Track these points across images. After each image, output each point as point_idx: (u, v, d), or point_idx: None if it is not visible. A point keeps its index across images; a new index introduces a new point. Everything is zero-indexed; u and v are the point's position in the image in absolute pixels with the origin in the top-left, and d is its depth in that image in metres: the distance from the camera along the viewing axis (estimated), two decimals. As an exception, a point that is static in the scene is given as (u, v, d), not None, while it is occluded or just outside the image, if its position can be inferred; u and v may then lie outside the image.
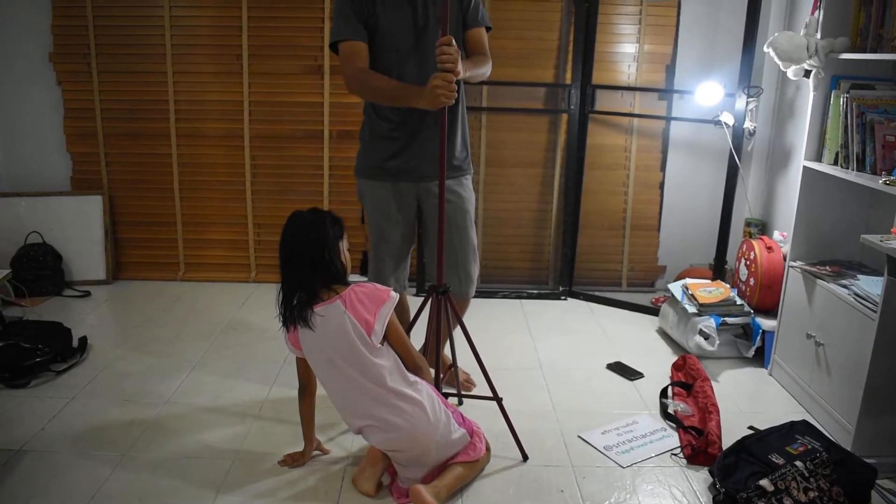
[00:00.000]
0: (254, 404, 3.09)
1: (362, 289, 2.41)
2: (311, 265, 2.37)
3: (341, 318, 2.35)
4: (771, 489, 2.33)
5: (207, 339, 3.74)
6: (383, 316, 2.38)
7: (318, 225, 2.41)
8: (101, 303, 4.23)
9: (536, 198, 4.55)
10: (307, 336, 2.39)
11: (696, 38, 4.30)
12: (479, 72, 2.75)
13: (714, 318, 3.59)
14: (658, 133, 4.48)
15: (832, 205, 3.30)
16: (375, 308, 2.38)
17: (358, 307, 2.37)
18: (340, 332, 2.35)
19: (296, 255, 2.39)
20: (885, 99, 2.98)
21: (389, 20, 2.69)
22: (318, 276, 2.38)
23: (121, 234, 4.61)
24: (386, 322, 2.39)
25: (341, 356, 2.37)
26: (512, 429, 2.73)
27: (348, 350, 2.36)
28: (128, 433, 2.83)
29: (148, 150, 4.51)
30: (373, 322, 2.36)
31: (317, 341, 2.38)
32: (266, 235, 4.62)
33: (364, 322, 2.35)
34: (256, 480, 2.55)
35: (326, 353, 2.39)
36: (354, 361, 2.36)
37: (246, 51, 4.35)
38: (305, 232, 2.40)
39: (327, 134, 4.46)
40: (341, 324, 2.35)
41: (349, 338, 2.34)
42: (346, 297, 2.38)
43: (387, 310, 2.39)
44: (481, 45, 2.83)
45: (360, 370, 2.37)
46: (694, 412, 3.06)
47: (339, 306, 2.35)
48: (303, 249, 2.38)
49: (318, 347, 2.40)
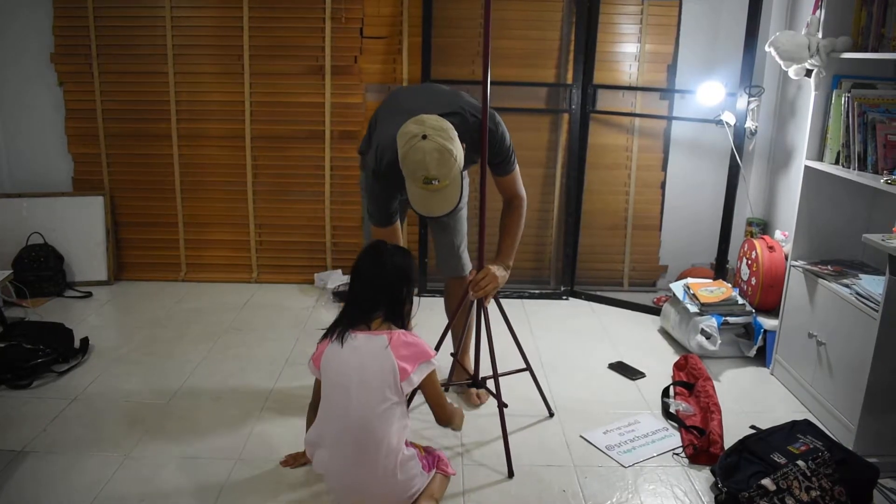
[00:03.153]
0: (256, 405, 3.09)
1: (411, 339, 2.30)
2: (387, 294, 2.31)
3: (381, 353, 2.23)
4: (773, 488, 2.33)
5: (209, 339, 3.74)
6: (422, 370, 2.28)
7: (409, 266, 2.39)
8: (103, 304, 4.23)
9: (538, 198, 4.54)
10: (334, 354, 2.27)
11: (697, 38, 4.30)
12: (518, 238, 2.88)
13: (716, 318, 3.59)
14: (659, 133, 4.48)
15: (834, 204, 3.30)
16: (417, 360, 2.27)
17: (402, 351, 2.25)
18: (374, 365, 2.23)
19: (378, 278, 2.32)
20: (886, 98, 2.98)
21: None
22: (384, 306, 2.31)
23: (122, 234, 4.61)
24: (423, 377, 2.29)
25: (358, 388, 2.23)
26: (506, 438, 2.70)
27: (369, 386, 2.22)
28: (130, 434, 2.83)
29: (149, 151, 4.51)
30: (410, 371, 2.24)
31: (342, 363, 2.26)
32: (267, 236, 4.63)
33: (402, 368, 2.23)
34: (258, 481, 2.56)
35: (345, 379, 2.24)
36: (366, 400, 2.22)
37: (247, 51, 4.35)
38: (395, 264, 2.34)
39: (329, 134, 4.46)
40: (378, 357, 2.23)
41: (378, 375, 2.22)
42: (394, 336, 2.27)
43: (428, 367, 2.30)
44: (514, 188, 2.85)
45: (365, 411, 2.22)
46: (696, 412, 3.06)
47: (384, 340, 2.25)
48: (387, 276, 2.32)
49: (341, 370, 2.26)
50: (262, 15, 4.31)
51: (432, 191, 2.42)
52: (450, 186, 2.45)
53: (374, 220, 2.74)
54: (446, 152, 2.36)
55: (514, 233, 2.85)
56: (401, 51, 4.34)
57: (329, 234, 4.60)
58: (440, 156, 2.35)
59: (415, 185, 2.43)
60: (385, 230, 2.73)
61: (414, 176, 2.40)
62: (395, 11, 4.30)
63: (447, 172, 2.39)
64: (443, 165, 2.37)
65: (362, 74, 4.39)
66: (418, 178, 2.39)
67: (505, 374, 3.06)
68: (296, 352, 3.61)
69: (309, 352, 2.29)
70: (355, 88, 4.41)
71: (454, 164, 2.40)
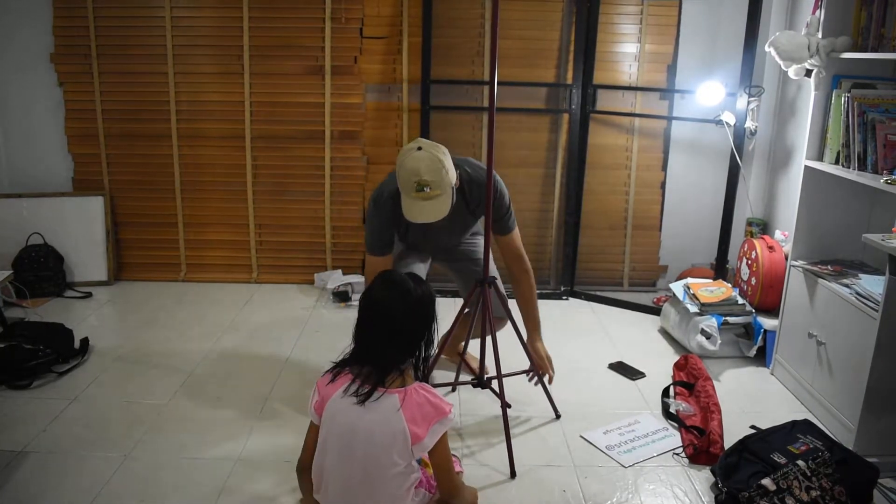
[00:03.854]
0: (255, 406, 3.09)
1: (426, 395, 2.05)
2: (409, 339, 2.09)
3: (392, 416, 2.00)
4: (773, 488, 2.33)
5: (209, 340, 3.74)
6: (436, 432, 2.04)
7: (432, 299, 2.13)
8: (103, 304, 4.23)
9: (538, 198, 4.54)
10: (339, 410, 2.04)
11: (697, 38, 4.30)
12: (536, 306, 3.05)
13: (716, 318, 3.59)
14: (659, 133, 4.48)
15: (834, 204, 3.30)
16: (431, 421, 2.02)
17: (415, 412, 2.01)
18: (383, 429, 1.99)
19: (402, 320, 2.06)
20: (886, 98, 2.98)
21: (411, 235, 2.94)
22: (405, 355, 2.09)
23: (122, 234, 4.61)
24: (436, 439, 2.04)
25: (364, 455, 2.01)
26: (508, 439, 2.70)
27: (376, 452, 2.01)
28: (129, 435, 2.83)
29: (149, 151, 4.51)
30: (422, 436, 2.01)
31: (348, 424, 2.02)
32: (267, 236, 4.63)
33: (413, 433, 2.00)
34: (257, 483, 2.55)
35: (351, 441, 2.02)
36: (373, 468, 2.02)
37: (247, 51, 4.35)
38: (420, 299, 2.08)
39: (328, 134, 4.46)
40: (389, 421, 2.00)
41: (387, 440, 1.99)
42: (408, 394, 2.02)
43: (442, 427, 2.05)
44: (516, 249, 2.98)
45: (371, 479, 2.03)
46: (696, 412, 3.06)
47: (396, 402, 2.00)
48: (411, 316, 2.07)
49: (346, 432, 2.03)
50: (262, 15, 4.31)
51: (424, 198, 2.53)
52: (442, 196, 2.56)
53: (368, 247, 2.87)
54: (438, 162, 2.53)
55: (535, 303, 3.04)
56: (401, 51, 4.34)
57: (329, 235, 4.60)
58: (432, 164, 2.51)
59: (408, 195, 2.56)
60: (378, 258, 2.85)
61: (408, 184, 2.53)
62: (394, 11, 4.30)
63: (438, 181, 2.53)
64: (435, 173, 2.51)
65: (362, 74, 4.39)
66: (412, 185, 2.52)
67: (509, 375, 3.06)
68: (295, 352, 3.61)
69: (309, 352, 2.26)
70: (355, 88, 4.40)
71: (445, 176, 2.54)
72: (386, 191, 2.77)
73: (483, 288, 2.79)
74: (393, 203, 2.73)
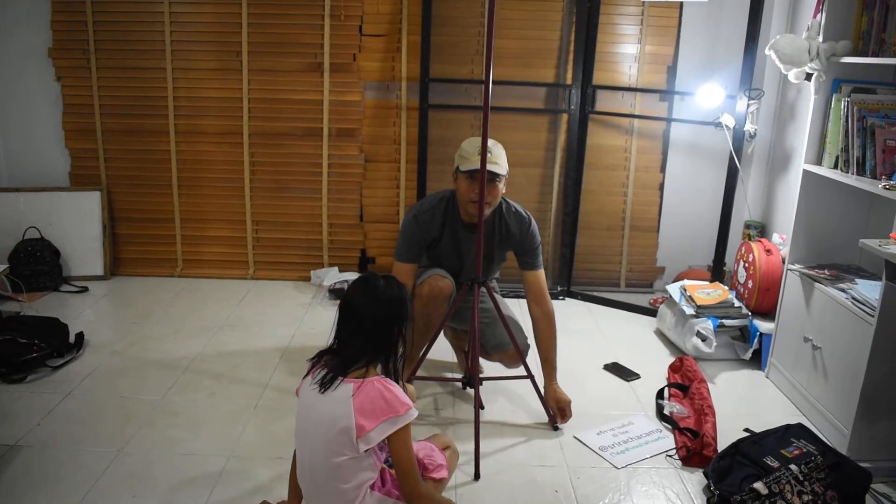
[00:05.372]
0: (250, 402, 3.09)
1: (383, 388, 2.01)
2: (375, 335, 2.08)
3: (342, 403, 1.98)
4: (765, 492, 2.32)
5: (205, 335, 3.74)
6: (384, 429, 1.98)
7: (403, 299, 2.12)
8: (99, 298, 4.23)
9: (536, 197, 4.54)
10: (304, 395, 2.10)
11: (697, 40, 4.30)
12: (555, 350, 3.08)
13: (712, 320, 3.58)
14: (658, 134, 4.48)
15: (832, 208, 3.29)
16: (381, 416, 1.97)
17: (365, 404, 1.97)
18: (334, 415, 1.99)
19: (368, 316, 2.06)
20: (886, 103, 2.97)
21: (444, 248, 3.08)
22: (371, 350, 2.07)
23: (119, 230, 4.60)
24: (384, 435, 1.98)
25: (314, 438, 2.04)
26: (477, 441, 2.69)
27: (324, 438, 2.00)
28: (123, 429, 2.83)
29: (147, 147, 4.50)
30: (368, 429, 1.96)
31: (308, 407, 2.07)
32: (264, 232, 4.62)
33: (359, 424, 1.96)
34: (251, 478, 2.55)
35: (306, 426, 2.08)
36: (320, 453, 2.03)
37: (246, 47, 4.34)
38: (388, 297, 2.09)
39: (326, 132, 4.45)
40: (339, 408, 1.98)
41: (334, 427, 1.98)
42: (364, 385, 2.00)
43: (392, 426, 1.98)
44: (540, 288, 3.07)
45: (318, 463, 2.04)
46: (690, 414, 3.05)
47: (349, 390, 1.99)
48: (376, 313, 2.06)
49: (305, 415, 2.09)
50: (261, 11, 4.30)
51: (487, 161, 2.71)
52: (498, 167, 2.84)
53: (396, 255, 3.03)
54: (500, 146, 2.90)
55: (554, 347, 3.08)
56: (400, 49, 4.33)
57: (326, 232, 4.60)
58: (497, 144, 2.89)
59: (470, 157, 2.84)
60: (402, 265, 2.99)
61: (472, 148, 2.83)
62: (394, 9, 4.29)
63: (499, 155, 2.87)
64: (499, 149, 2.88)
65: (361, 72, 4.38)
66: (475, 149, 2.78)
67: (501, 379, 3.08)
68: (292, 349, 3.61)
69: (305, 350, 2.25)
70: (354, 86, 4.40)
71: (503, 158, 2.89)
72: (427, 204, 3.03)
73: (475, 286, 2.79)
74: (432, 216, 3.00)
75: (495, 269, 3.25)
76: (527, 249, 3.06)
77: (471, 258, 3.01)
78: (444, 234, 3.03)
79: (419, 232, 3.00)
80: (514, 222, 3.04)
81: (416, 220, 3.01)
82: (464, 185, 2.88)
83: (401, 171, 4.51)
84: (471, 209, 2.89)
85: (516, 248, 3.07)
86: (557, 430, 2.95)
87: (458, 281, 3.08)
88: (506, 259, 3.22)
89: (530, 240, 3.05)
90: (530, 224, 3.06)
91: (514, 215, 3.05)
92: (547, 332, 3.05)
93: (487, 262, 3.09)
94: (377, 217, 4.59)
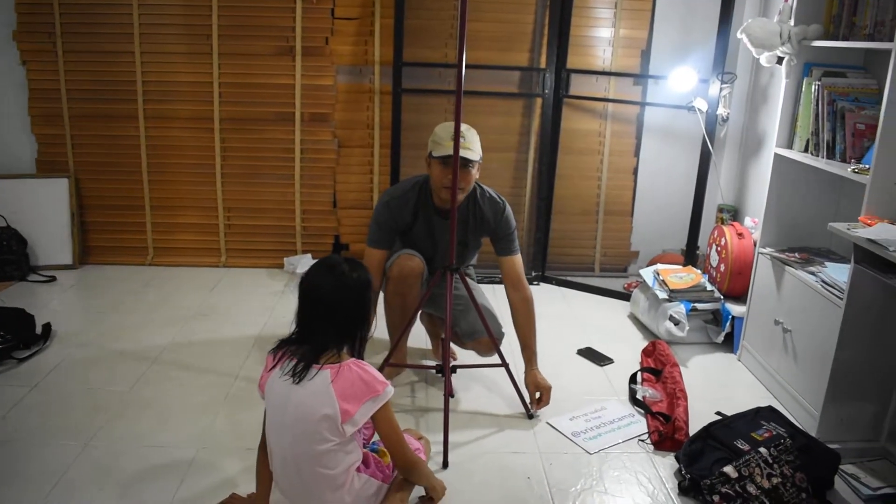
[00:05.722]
0: (220, 392, 3.05)
1: (359, 371, 2.04)
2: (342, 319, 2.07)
3: (322, 391, 2.00)
4: (735, 476, 2.34)
5: (175, 325, 3.69)
6: (368, 409, 2.03)
7: (368, 282, 2.13)
8: (67, 288, 4.16)
9: (510, 182, 4.52)
10: (275, 385, 2.07)
11: (671, 23, 4.28)
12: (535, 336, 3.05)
13: (684, 304, 3.59)
14: (632, 118, 4.47)
15: (802, 192, 3.30)
16: (363, 398, 2.01)
17: (346, 388, 2.00)
18: (314, 404, 1.99)
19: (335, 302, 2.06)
20: (856, 87, 2.98)
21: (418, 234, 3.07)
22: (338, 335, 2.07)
23: (88, 217, 4.53)
24: (368, 415, 2.04)
25: (294, 428, 2.03)
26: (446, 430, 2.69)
27: (307, 427, 2.01)
28: (91, 421, 2.78)
29: (115, 132, 4.42)
30: (352, 412, 2.00)
31: (282, 397, 2.05)
32: (236, 219, 4.57)
33: (343, 409, 1.99)
34: (220, 470, 2.53)
35: (283, 417, 2.05)
36: (304, 442, 2.03)
37: (216, 31, 4.27)
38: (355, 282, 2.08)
39: (299, 116, 4.40)
40: (319, 396, 2.00)
41: (316, 415, 1.99)
42: (341, 370, 2.02)
43: (374, 405, 2.04)
44: (517, 273, 3.04)
45: (303, 454, 2.04)
46: (662, 398, 3.06)
47: (327, 377, 2.00)
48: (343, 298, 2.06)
49: (280, 406, 2.06)
50: (232, -6, 4.23)
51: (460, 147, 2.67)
52: (471, 152, 2.82)
53: (369, 241, 3.02)
54: (474, 130, 2.88)
55: (534, 334, 3.05)
56: (373, 32, 4.28)
57: (299, 218, 4.56)
58: (469, 128, 2.84)
59: (444, 143, 2.79)
60: (374, 252, 3.00)
61: (446, 133, 2.80)
62: (366, -8, 4.24)
63: (472, 140, 2.84)
64: (472, 135, 2.85)
65: (333, 56, 4.32)
66: (449, 134, 2.74)
67: (474, 367, 3.07)
68: (263, 337, 3.58)
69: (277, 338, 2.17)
70: (326, 70, 4.34)
71: (476, 143, 2.87)
72: (399, 190, 3.02)
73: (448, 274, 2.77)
74: (405, 202, 2.98)
75: (471, 256, 3.23)
76: (501, 235, 3.04)
77: (444, 244, 2.99)
78: (417, 219, 3.01)
79: (391, 218, 2.98)
80: (489, 208, 3.02)
81: (388, 206, 2.98)
82: (437, 170, 2.86)
83: (374, 157, 4.47)
84: (444, 195, 2.87)
85: (491, 233, 3.05)
86: (533, 417, 2.94)
87: (432, 267, 3.06)
88: (481, 245, 3.20)
89: (505, 225, 3.03)
90: (504, 209, 3.04)
91: (488, 200, 3.02)
92: (526, 317, 3.03)
93: (462, 249, 3.07)
94: (351, 203, 4.55)
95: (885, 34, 2.73)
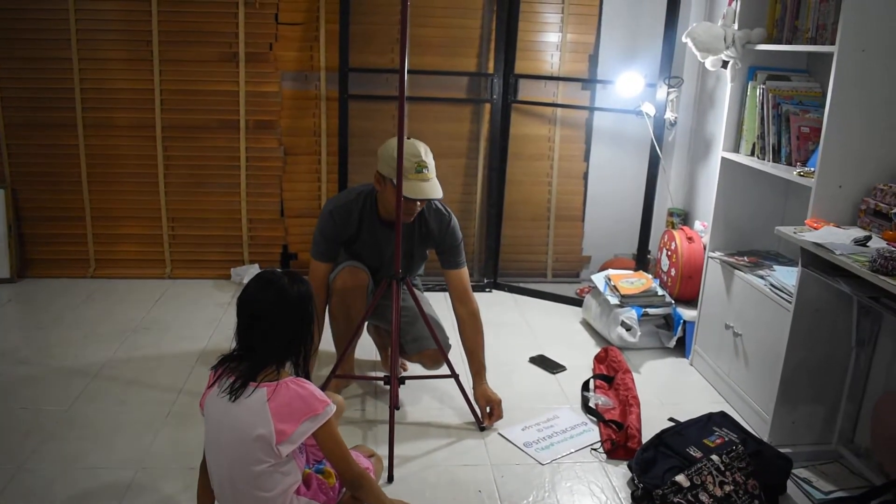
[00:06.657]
0: (162, 409, 2.95)
1: (299, 389, 1.95)
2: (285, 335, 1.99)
3: (258, 410, 1.91)
4: (687, 485, 2.31)
5: (117, 340, 3.57)
6: (306, 430, 1.94)
7: (310, 295, 2.05)
8: (4, 303, 4.00)
9: (460, 188, 4.48)
10: (212, 403, 1.99)
11: (618, 28, 4.29)
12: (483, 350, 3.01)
13: (636, 310, 3.58)
14: (581, 123, 4.46)
15: (750, 196, 3.32)
16: (300, 418, 1.93)
17: (282, 407, 1.91)
18: (249, 422, 1.91)
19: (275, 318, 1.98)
20: (800, 90, 3.00)
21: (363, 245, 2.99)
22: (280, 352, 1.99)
23: (26, 229, 4.36)
24: (307, 435, 1.94)
25: (229, 448, 1.96)
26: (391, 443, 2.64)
27: (241, 447, 1.93)
28: (24, 444, 2.66)
29: (53, 141, 4.26)
30: (289, 432, 1.91)
31: (219, 415, 1.97)
32: (181, 230, 4.44)
33: (279, 430, 1.90)
34: (159, 492, 2.43)
35: (218, 435, 1.98)
36: (238, 463, 1.95)
37: (156, 37, 4.15)
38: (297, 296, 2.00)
39: (243, 124, 4.30)
40: (254, 415, 1.91)
41: (251, 435, 1.91)
42: (278, 388, 1.93)
43: (313, 424, 1.94)
44: (464, 287, 3.02)
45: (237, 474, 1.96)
46: (615, 405, 3.04)
47: (262, 396, 1.91)
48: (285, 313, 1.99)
49: (216, 423, 1.99)
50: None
51: (422, 179, 2.70)
52: (433, 181, 2.76)
53: (313, 253, 2.95)
54: (430, 151, 2.78)
55: (482, 347, 3.00)
56: (318, 38, 4.20)
57: (246, 228, 4.45)
58: (427, 150, 2.76)
59: (407, 176, 2.65)
60: (319, 265, 2.94)
61: (409, 164, 2.66)
62: (311, -3, 4.16)
63: (432, 166, 2.76)
64: (430, 158, 2.76)
65: (278, 62, 4.23)
66: (412, 166, 2.68)
67: (422, 378, 3.02)
68: (209, 351, 3.47)
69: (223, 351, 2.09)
70: (271, 76, 4.25)
71: (433, 166, 2.77)
72: (343, 199, 2.94)
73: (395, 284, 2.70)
74: (348, 211, 2.90)
75: (417, 267, 3.17)
76: (447, 247, 2.99)
77: (390, 255, 2.93)
78: (361, 230, 2.94)
79: (335, 228, 2.91)
80: (434, 220, 2.97)
81: (332, 216, 2.91)
82: (392, 196, 2.69)
83: (322, 164, 4.39)
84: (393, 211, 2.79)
85: (436, 245, 3.00)
86: (484, 429, 2.89)
87: (376, 278, 3.00)
88: (427, 257, 3.15)
89: (451, 237, 2.99)
90: (450, 221, 2.99)
91: (434, 212, 2.97)
92: (473, 331, 2.98)
93: (408, 260, 3.02)
94: (298, 212, 4.46)
95: (826, 38, 2.74)
